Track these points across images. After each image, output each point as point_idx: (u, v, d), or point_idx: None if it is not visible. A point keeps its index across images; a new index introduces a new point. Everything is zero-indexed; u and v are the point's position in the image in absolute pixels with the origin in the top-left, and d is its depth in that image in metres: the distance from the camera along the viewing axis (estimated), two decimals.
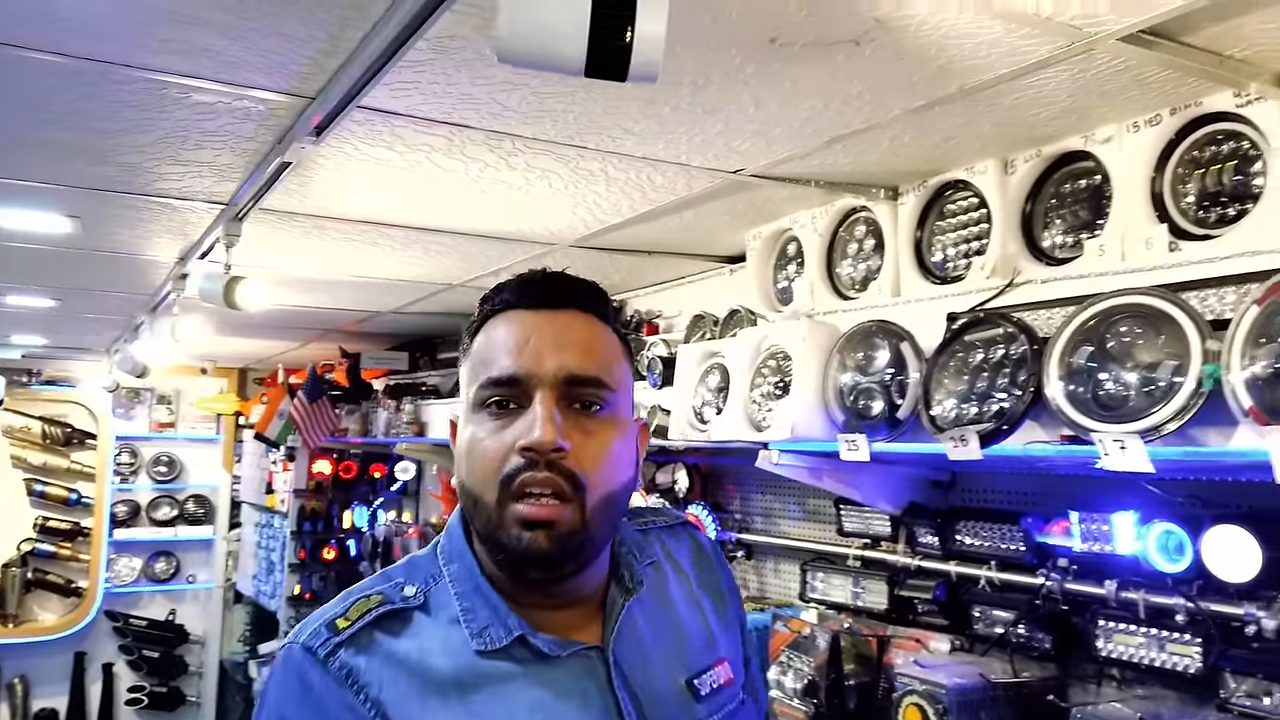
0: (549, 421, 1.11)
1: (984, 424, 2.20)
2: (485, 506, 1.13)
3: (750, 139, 2.41)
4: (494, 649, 1.13)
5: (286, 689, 1.11)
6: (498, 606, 1.16)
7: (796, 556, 3.52)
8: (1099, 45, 1.84)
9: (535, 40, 1.14)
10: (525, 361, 1.14)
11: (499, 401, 1.15)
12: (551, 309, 1.20)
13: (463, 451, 1.17)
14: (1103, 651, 2.43)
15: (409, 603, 1.16)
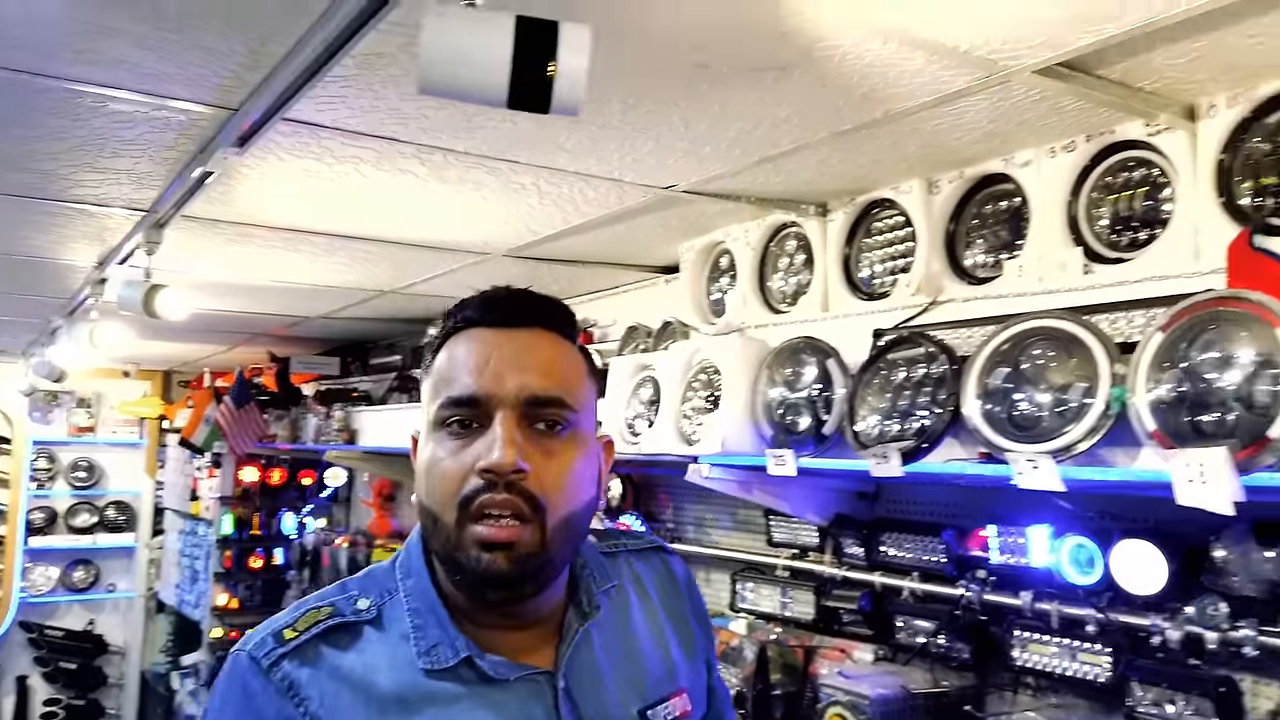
0: (509, 443, 1.09)
1: (906, 441, 2.25)
2: (444, 527, 1.12)
3: (681, 157, 2.43)
4: (441, 669, 1.12)
5: (228, 697, 1.11)
6: (448, 626, 1.15)
7: (728, 566, 3.56)
8: (1015, 77, 1.90)
9: (457, 72, 1.14)
10: (486, 381, 1.13)
11: (460, 421, 1.13)
12: (514, 327, 1.18)
13: (422, 470, 1.16)
14: (1018, 661, 2.50)
15: (360, 616, 1.15)
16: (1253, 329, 1.68)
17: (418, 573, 1.19)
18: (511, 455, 1.09)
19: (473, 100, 1.16)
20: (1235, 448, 1.63)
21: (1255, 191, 2.11)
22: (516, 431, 1.11)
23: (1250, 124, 2.11)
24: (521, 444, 1.11)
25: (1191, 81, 2.03)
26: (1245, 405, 1.69)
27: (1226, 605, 2.10)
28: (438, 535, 1.13)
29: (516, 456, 1.09)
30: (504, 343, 1.16)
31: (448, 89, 1.15)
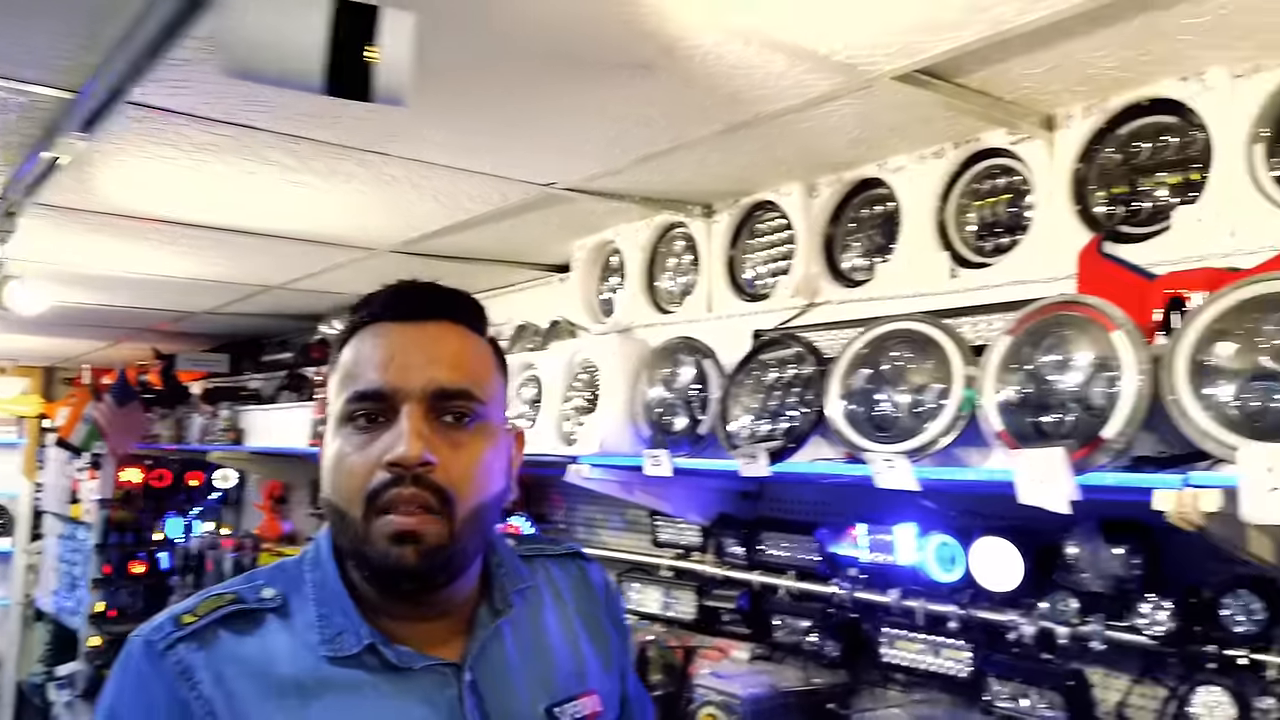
0: (415, 436, 1.09)
1: (775, 441, 2.26)
2: (351, 522, 1.11)
3: (559, 154, 2.41)
4: (344, 656, 1.12)
5: (122, 682, 1.11)
6: (353, 615, 1.14)
7: (616, 567, 3.54)
8: (877, 83, 1.92)
9: (268, 55, 1.09)
10: (392, 375, 1.12)
11: (366, 415, 1.13)
12: (420, 320, 1.17)
13: (328, 466, 1.15)
14: (885, 657, 2.54)
15: (265, 604, 1.15)
16: (1090, 333, 1.73)
17: (325, 565, 1.19)
18: (418, 448, 1.08)
19: (287, 85, 1.12)
20: (1072, 448, 1.68)
21: (1109, 200, 2.19)
22: (423, 424, 1.11)
23: (1104, 135, 2.19)
24: (429, 437, 1.10)
25: (1048, 92, 2.10)
26: (1083, 407, 1.74)
27: (1076, 601, 2.17)
28: (345, 530, 1.13)
29: (423, 449, 1.09)
30: (410, 336, 1.16)
31: (259, 72, 1.10)
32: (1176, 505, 1.55)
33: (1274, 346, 1.55)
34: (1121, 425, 1.63)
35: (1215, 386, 1.58)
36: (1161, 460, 1.68)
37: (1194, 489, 1.54)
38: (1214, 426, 1.52)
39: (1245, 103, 1.93)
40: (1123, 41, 1.83)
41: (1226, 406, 1.56)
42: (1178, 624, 1.97)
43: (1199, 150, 2.04)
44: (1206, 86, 1.97)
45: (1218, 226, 1.93)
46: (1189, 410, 1.56)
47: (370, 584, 1.15)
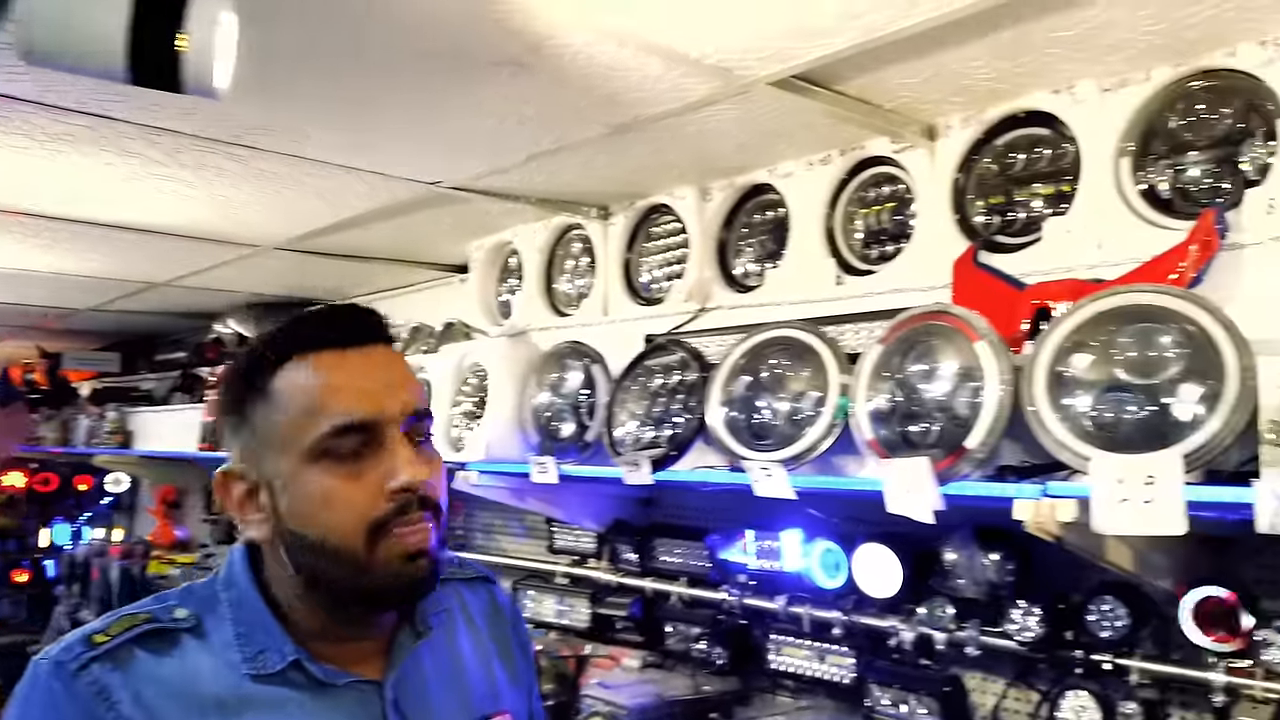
0: (419, 460, 1.12)
1: (658, 448, 2.23)
2: (349, 555, 1.11)
3: (441, 153, 2.35)
4: (266, 674, 1.12)
5: (28, 705, 1.07)
6: (276, 633, 1.14)
7: (512, 574, 3.47)
8: (754, 88, 1.91)
9: (66, 38, 1.00)
10: (372, 404, 1.12)
11: (352, 447, 1.11)
12: (363, 345, 1.16)
13: (312, 505, 1.12)
14: (773, 664, 2.54)
15: (179, 624, 1.13)
16: (956, 343, 1.74)
17: (241, 585, 1.18)
18: (425, 471, 1.12)
19: (87, 73, 1.04)
20: (937, 457, 1.68)
21: (986, 210, 2.22)
22: (410, 447, 1.13)
23: (982, 145, 2.21)
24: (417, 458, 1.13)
25: (928, 102, 2.11)
26: (948, 416, 1.75)
27: (953, 607, 2.18)
28: (337, 565, 1.11)
29: (428, 471, 1.13)
30: (368, 362, 1.15)
31: (55, 57, 1.02)
32: (1034, 515, 1.56)
33: (1128, 359, 1.57)
34: (984, 435, 1.64)
35: (1073, 397, 1.60)
36: (1024, 470, 1.69)
37: (1051, 499, 1.55)
38: (1069, 437, 1.54)
39: (1113, 116, 1.96)
40: (996, 52, 1.84)
41: (1082, 418, 1.58)
42: (1046, 630, 2.00)
43: (1070, 162, 2.07)
44: (1076, 99, 2.00)
45: (1086, 238, 1.96)
46: (1046, 421, 1.57)
47: (352, 607, 1.16)
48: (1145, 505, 1.41)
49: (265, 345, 1.17)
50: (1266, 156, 1.81)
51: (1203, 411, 1.47)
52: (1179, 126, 1.92)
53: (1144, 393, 1.53)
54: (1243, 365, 1.44)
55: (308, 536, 1.12)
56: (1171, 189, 1.93)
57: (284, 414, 1.13)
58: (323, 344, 1.15)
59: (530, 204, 2.93)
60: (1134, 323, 1.57)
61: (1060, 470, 1.66)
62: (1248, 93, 1.83)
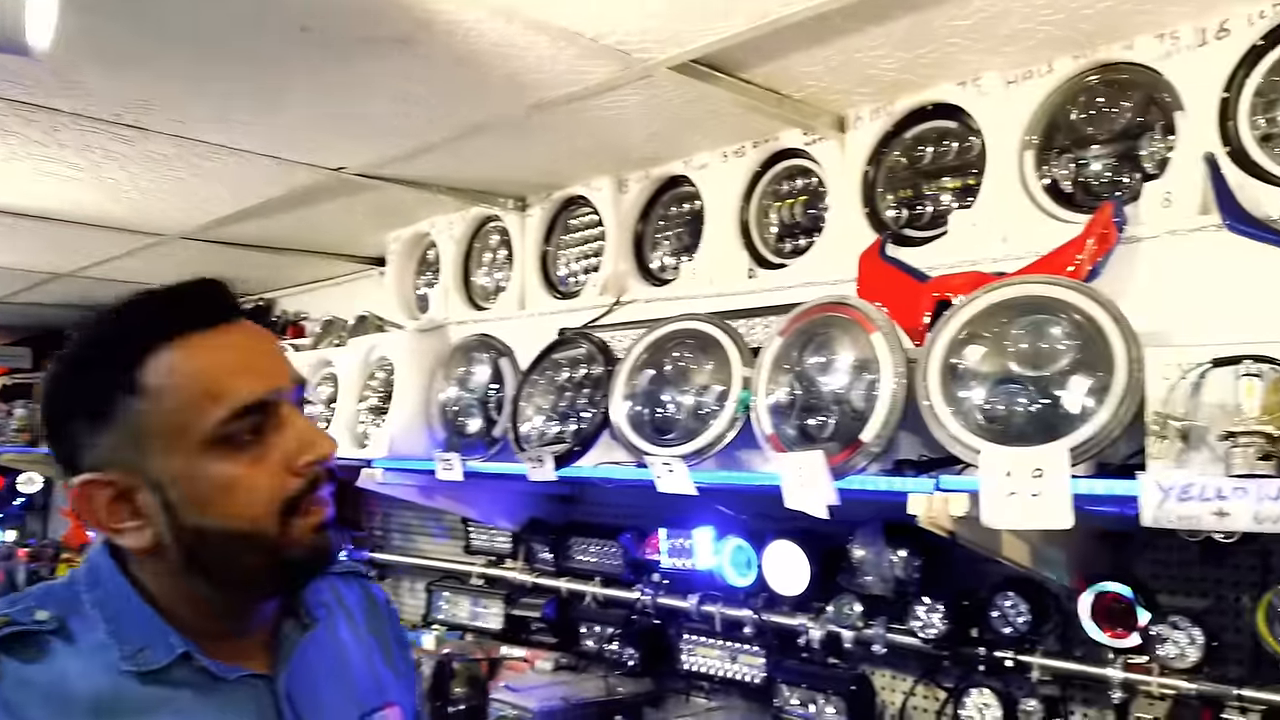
0: (319, 432, 1.10)
1: (563, 443, 2.17)
2: (261, 539, 1.06)
3: (336, 136, 2.26)
4: (150, 670, 1.05)
5: None
6: (159, 626, 1.08)
7: (427, 575, 3.39)
8: (655, 73, 1.85)
9: None
10: (267, 380, 1.08)
11: (251, 429, 1.06)
12: (231, 322, 1.10)
13: (216, 495, 1.06)
14: (686, 664, 2.49)
15: (42, 626, 1.06)
16: (853, 335, 1.70)
17: (109, 584, 1.11)
18: (330, 442, 1.10)
19: None
20: (833, 451, 1.64)
21: (895, 203, 2.19)
22: (306, 420, 1.12)
23: (891, 138, 2.18)
24: None
25: (836, 92, 2.07)
26: (844, 409, 1.71)
27: (860, 604, 2.16)
28: (249, 552, 1.07)
29: (331, 442, 1.11)
30: (245, 338, 1.10)
31: None
32: (927, 510, 1.53)
33: (1020, 351, 1.54)
34: (879, 428, 1.60)
35: (967, 390, 1.57)
36: (921, 464, 1.66)
37: (943, 493, 1.52)
38: (961, 430, 1.51)
39: (1017, 108, 1.95)
40: (897, 42, 1.81)
41: (975, 410, 1.55)
42: (949, 626, 1.98)
43: (976, 156, 2.05)
44: (982, 91, 1.98)
45: (991, 231, 1.94)
46: (940, 414, 1.54)
47: (242, 595, 1.12)
48: (1033, 499, 1.38)
49: (118, 335, 1.08)
50: (1165, 150, 1.81)
51: (1092, 404, 1.45)
52: (1081, 120, 1.92)
53: (1035, 385, 1.51)
54: (1131, 357, 1.42)
55: (213, 529, 1.06)
56: (1074, 183, 1.92)
57: (167, 405, 1.05)
58: (191, 325, 1.07)
59: (445, 194, 2.85)
60: (1027, 314, 1.54)
61: (956, 464, 1.63)
62: (1147, 86, 1.83)
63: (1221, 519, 1.23)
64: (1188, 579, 1.82)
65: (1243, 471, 1.21)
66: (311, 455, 1.08)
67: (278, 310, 4.24)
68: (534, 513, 3.00)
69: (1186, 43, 1.74)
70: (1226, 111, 1.71)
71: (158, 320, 1.07)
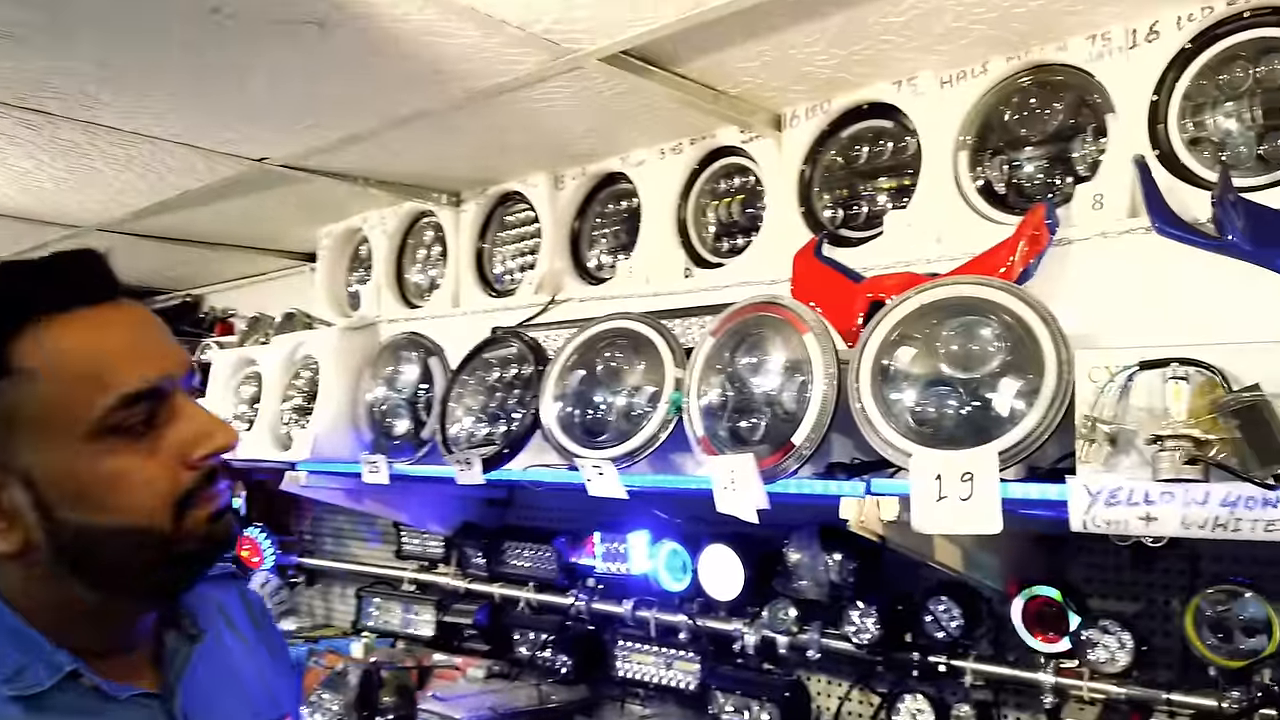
0: (222, 422, 1.02)
1: (492, 446, 2.11)
2: (154, 535, 0.97)
3: (256, 125, 2.17)
4: (33, 693, 0.95)
5: None
6: (40, 644, 0.97)
7: (358, 581, 3.29)
8: (585, 64, 1.80)
9: None
10: (158, 365, 0.98)
11: (143, 418, 0.97)
12: (114, 300, 1.00)
13: (102, 491, 0.96)
14: (620, 671, 2.44)
15: None
16: (785, 335, 1.67)
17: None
18: (229, 431, 1.02)
19: None
20: (764, 453, 1.60)
21: (831, 203, 2.16)
22: (201, 408, 1.03)
23: (827, 137, 2.16)
24: None
25: (772, 89, 2.04)
26: (776, 411, 1.67)
27: (795, 609, 2.13)
28: (140, 550, 0.98)
29: (231, 431, 1.03)
30: (132, 319, 1.00)
31: None
32: (858, 514, 1.49)
33: (951, 352, 1.52)
34: (810, 430, 1.56)
35: (899, 392, 1.54)
36: (853, 467, 1.63)
37: (875, 497, 1.49)
38: (892, 434, 1.48)
39: (952, 109, 1.93)
40: (831, 38, 1.78)
41: (906, 413, 1.52)
42: (883, 631, 1.95)
43: (911, 156, 2.03)
44: (917, 91, 1.97)
45: (926, 232, 1.92)
46: (871, 416, 1.51)
47: (128, 596, 1.02)
48: (962, 503, 1.35)
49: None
50: (1096, 153, 1.80)
51: (1022, 406, 1.43)
52: (1014, 121, 1.91)
53: (966, 387, 1.49)
54: (1061, 360, 1.40)
55: (98, 528, 0.96)
56: (1007, 184, 1.91)
57: (42, 390, 0.94)
58: (71, 301, 0.96)
59: (376, 187, 2.76)
60: (958, 316, 1.52)
61: (887, 467, 1.60)
62: (1079, 88, 1.82)
63: (1149, 524, 1.22)
64: (1118, 583, 1.82)
65: (1169, 476, 1.20)
66: (210, 447, 1.00)
67: (205, 307, 4.10)
68: (466, 517, 2.94)
69: (1118, 44, 1.74)
70: (1156, 114, 1.71)
71: (31, 294, 0.95)
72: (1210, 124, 1.69)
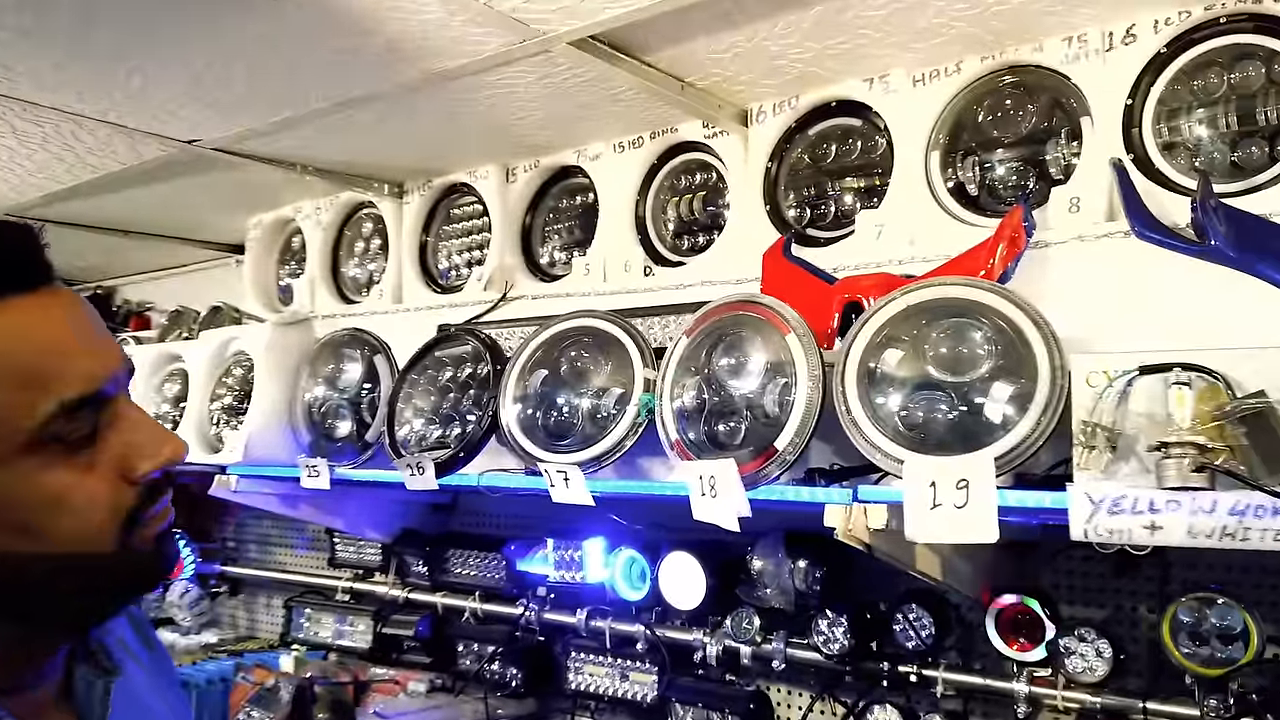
0: (169, 431, 0.91)
1: (446, 449, 1.99)
2: (95, 559, 0.86)
3: (191, 103, 2.01)
4: None
5: None
6: None
7: (288, 590, 3.12)
8: (553, 46, 1.71)
9: None
10: (102, 364, 0.86)
11: (84, 428, 0.84)
12: (50, 286, 0.86)
13: (37, 512, 0.83)
14: (573, 684, 2.35)
15: None
16: (765, 335, 1.60)
17: None
18: (177, 443, 0.91)
19: None
20: (744, 459, 1.53)
21: (798, 202, 2.11)
22: (148, 416, 0.92)
23: (794, 134, 2.11)
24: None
25: (740, 83, 1.98)
26: (756, 414, 1.61)
27: (759, 618, 2.07)
28: (74, 576, 0.86)
29: (179, 442, 0.91)
30: (69, 309, 0.87)
31: None
32: (844, 522, 1.44)
33: (940, 355, 1.47)
34: (794, 435, 1.50)
35: (885, 396, 1.49)
36: (834, 473, 1.57)
37: (863, 504, 1.43)
38: (881, 439, 1.42)
39: (925, 108, 1.90)
40: (807, 31, 1.73)
41: (894, 417, 1.47)
42: (852, 640, 1.90)
43: (880, 156, 2.00)
44: (890, 89, 1.93)
45: (898, 233, 1.88)
46: (859, 420, 1.45)
47: (57, 624, 0.91)
48: (957, 511, 1.31)
49: None
50: (1070, 156, 1.78)
51: (1012, 412, 1.39)
52: (987, 122, 1.88)
53: (955, 391, 1.44)
54: (1055, 364, 1.36)
55: (25, 555, 0.83)
56: (979, 186, 1.88)
57: None
58: (4, 289, 0.83)
59: (315, 175, 2.61)
60: (946, 318, 1.47)
61: (869, 473, 1.55)
62: (1054, 90, 1.80)
63: (1154, 533, 1.19)
64: (1090, 590, 1.81)
65: (1176, 484, 1.17)
66: (157, 461, 0.88)
67: (119, 300, 3.86)
68: (407, 523, 2.80)
69: (1094, 46, 1.72)
70: (1131, 118, 1.70)
71: None
72: (1185, 129, 1.68)
